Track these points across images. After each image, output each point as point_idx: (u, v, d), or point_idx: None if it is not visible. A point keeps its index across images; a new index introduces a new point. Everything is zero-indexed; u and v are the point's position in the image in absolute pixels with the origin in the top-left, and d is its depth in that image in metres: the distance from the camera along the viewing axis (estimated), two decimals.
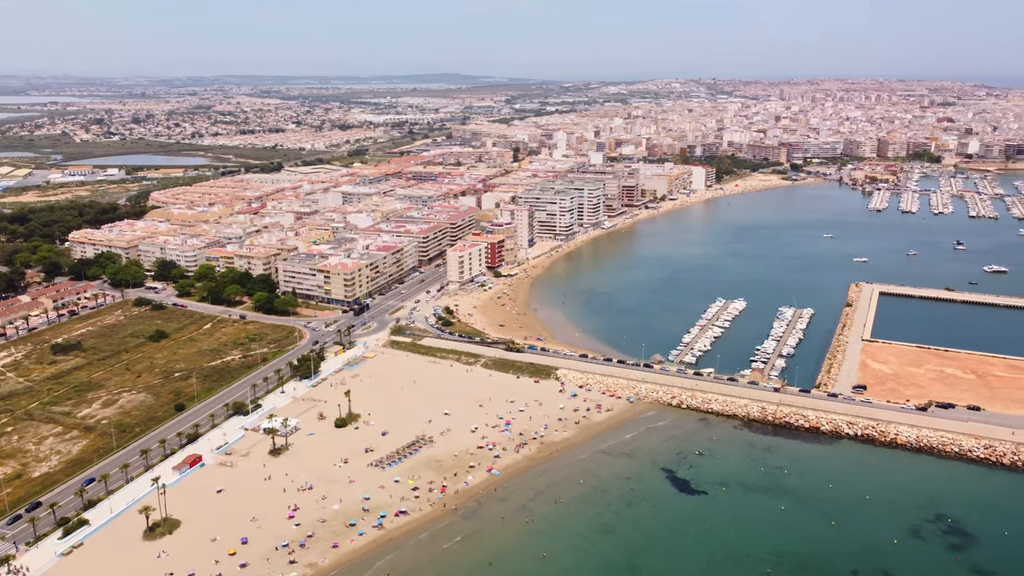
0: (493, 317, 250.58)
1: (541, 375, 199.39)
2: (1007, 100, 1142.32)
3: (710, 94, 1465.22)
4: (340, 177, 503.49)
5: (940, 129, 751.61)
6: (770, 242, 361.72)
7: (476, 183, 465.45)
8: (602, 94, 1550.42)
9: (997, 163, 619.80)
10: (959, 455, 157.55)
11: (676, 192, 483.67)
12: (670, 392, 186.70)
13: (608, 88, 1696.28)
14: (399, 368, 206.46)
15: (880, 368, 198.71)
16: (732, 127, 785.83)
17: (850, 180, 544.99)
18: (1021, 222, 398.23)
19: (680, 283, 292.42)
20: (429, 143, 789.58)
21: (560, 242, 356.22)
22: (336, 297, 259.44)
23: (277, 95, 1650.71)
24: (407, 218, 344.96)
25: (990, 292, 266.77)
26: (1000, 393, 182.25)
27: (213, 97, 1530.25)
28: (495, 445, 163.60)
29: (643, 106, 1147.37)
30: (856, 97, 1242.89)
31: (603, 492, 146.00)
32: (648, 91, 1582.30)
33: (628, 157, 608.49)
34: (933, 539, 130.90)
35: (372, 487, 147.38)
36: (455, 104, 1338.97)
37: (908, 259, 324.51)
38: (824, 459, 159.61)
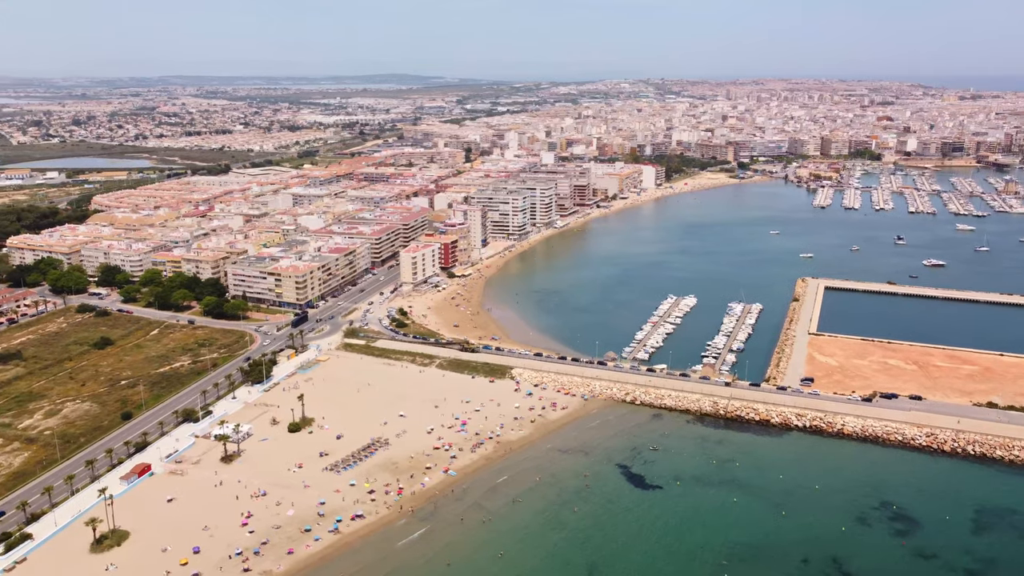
0: (447, 318, 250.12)
1: (496, 375, 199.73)
2: (943, 100, 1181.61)
3: (659, 94, 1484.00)
4: (290, 179, 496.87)
5: (880, 128, 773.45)
6: (719, 239, 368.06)
7: (428, 184, 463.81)
8: (552, 94, 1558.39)
9: (934, 160, 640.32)
10: (902, 443, 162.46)
11: (627, 191, 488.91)
12: (624, 389, 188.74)
13: (558, 88, 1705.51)
14: (353, 371, 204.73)
15: (827, 361, 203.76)
16: (681, 127, 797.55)
17: (795, 178, 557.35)
18: (957, 217, 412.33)
19: (632, 281, 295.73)
20: (380, 144, 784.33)
21: (513, 242, 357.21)
22: (288, 300, 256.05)
23: (224, 96, 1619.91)
24: (359, 219, 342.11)
25: (929, 285, 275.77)
26: (940, 383, 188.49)
27: (157, 98, 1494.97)
28: (451, 446, 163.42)
29: (593, 106, 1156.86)
30: (800, 97, 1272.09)
31: (560, 489, 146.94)
32: (598, 91, 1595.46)
33: (579, 157, 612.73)
34: (879, 525, 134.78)
35: (327, 491, 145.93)
36: (406, 105, 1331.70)
37: (852, 254, 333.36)
38: (774, 451, 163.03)
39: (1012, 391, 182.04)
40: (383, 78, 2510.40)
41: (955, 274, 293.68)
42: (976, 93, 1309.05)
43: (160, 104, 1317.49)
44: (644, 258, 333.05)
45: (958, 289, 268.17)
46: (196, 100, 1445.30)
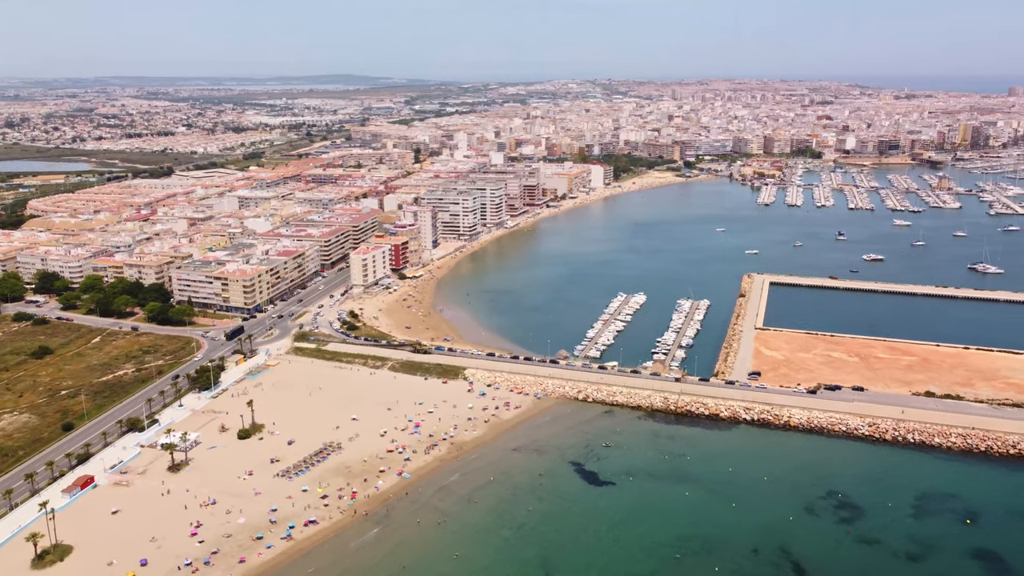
0: (399, 319, 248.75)
1: (449, 375, 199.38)
2: (879, 99, 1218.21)
3: (606, 94, 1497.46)
4: (236, 181, 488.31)
5: (820, 127, 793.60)
6: (667, 237, 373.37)
7: (378, 185, 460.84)
8: (501, 95, 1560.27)
9: (872, 158, 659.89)
10: (846, 434, 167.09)
11: (576, 190, 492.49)
12: (576, 387, 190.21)
13: (507, 89, 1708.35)
14: (304, 375, 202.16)
15: (773, 355, 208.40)
16: (628, 126, 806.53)
17: (740, 176, 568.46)
18: (894, 213, 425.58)
19: (582, 279, 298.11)
20: (328, 145, 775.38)
21: (464, 242, 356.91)
22: (235, 305, 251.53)
23: (165, 97, 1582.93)
24: (308, 221, 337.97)
25: (869, 279, 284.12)
26: (881, 374, 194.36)
27: (95, 99, 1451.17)
28: (405, 448, 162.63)
29: (542, 106, 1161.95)
30: (743, 97, 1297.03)
31: (515, 489, 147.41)
32: (546, 92, 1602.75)
33: (528, 157, 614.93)
34: (825, 514, 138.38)
35: (279, 498, 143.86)
36: (353, 105, 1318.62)
37: (795, 250, 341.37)
38: (724, 444, 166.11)
39: (948, 380, 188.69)
40: (330, 79, 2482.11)
41: (893, 268, 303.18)
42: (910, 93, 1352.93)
43: (98, 105, 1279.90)
44: (594, 257, 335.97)
45: (896, 282, 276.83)
46: (136, 101, 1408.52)
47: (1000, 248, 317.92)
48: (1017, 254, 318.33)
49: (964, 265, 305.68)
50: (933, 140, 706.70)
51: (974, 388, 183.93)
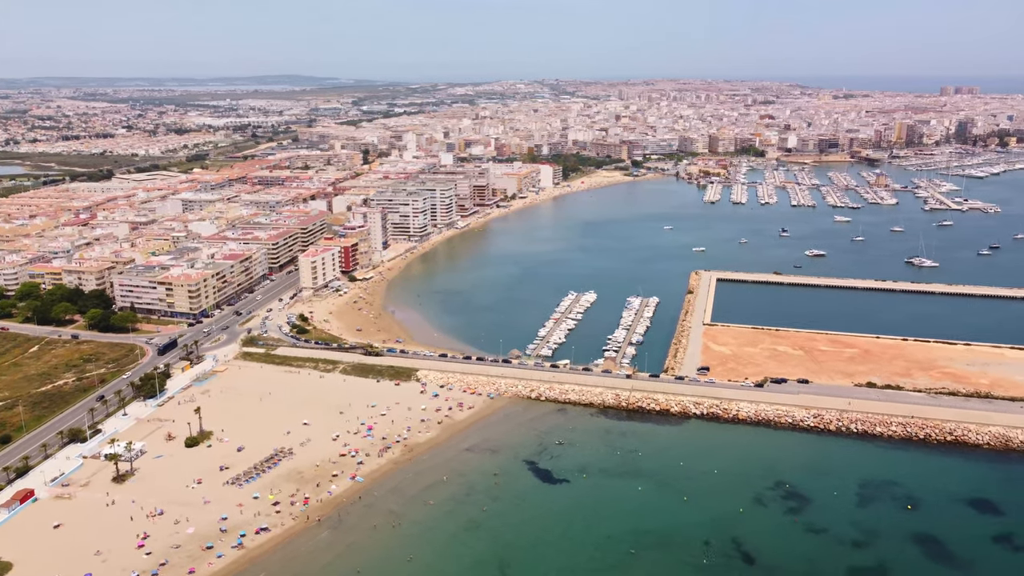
0: (350, 322, 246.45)
1: (401, 377, 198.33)
2: (818, 99, 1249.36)
3: (554, 94, 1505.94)
4: (179, 184, 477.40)
5: (763, 126, 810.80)
6: (616, 236, 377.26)
7: (326, 186, 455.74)
8: (449, 95, 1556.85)
9: (812, 156, 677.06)
10: (792, 425, 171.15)
11: (526, 190, 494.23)
12: (529, 385, 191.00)
13: (455, 89, 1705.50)
14: (253, 380, 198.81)
15: (720, 350, 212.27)
16: (576, 126, 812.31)
17: (686, 175, 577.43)
18: (835, 209, 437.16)
19: (533, 278, 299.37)
20: (274, 146, 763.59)
21: (415, 243, 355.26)
22: (181, 310, 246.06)
23: (104, 98, 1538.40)
24: (255, 224, 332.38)
25: (812, 274, 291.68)
26: (825, 366, 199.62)
27: (29, 100, 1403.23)
28: (358, 451, 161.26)
29: (490, 107, 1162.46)
30: (688, 96, 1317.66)
31: (469, 489, 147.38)
32: (494, 92, 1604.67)
33: (478, 157, 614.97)
34: (774, 505, 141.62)
35: (230, 506, 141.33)
36: (300, 106, 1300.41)
37: (740, 247, 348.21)
38: (675, 439, 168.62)
39: (888, 371, 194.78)
40: (275, 79, 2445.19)
41: (835, 263, 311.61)
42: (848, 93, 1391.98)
43: (32, 107, 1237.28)
44: (544, 256, 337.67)
45: (838, 277, 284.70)
46: (73, 103, 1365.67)
47: (935, 242, 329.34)
48: (950, 248, 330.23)
49: (901, 259, 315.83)
50: (870, 138, 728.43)
51: (912, 378, 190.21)
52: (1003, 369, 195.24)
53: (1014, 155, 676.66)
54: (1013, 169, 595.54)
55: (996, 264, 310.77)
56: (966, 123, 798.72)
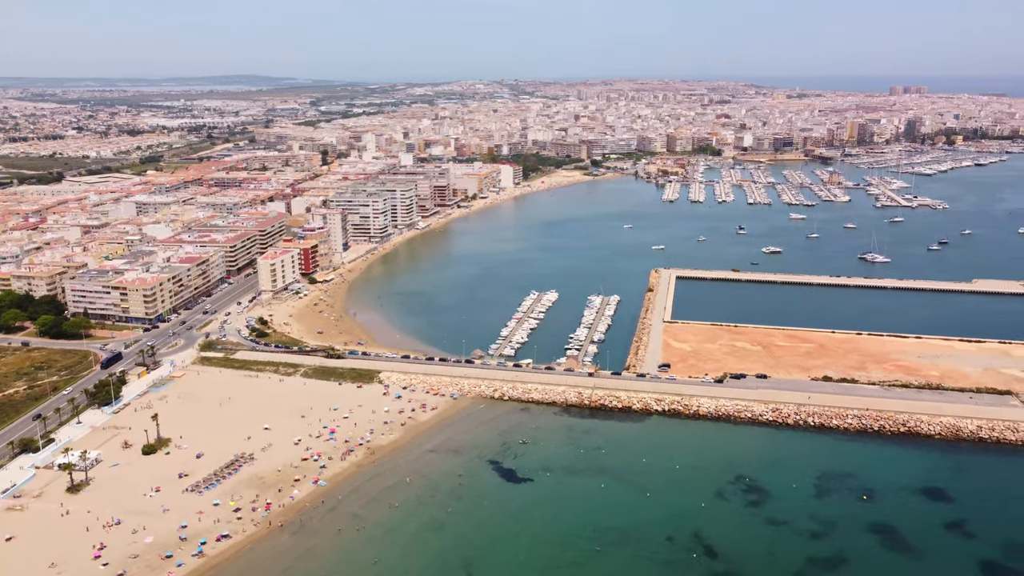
0: (311, 324, 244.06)
1: (364, 379, 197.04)
2: (773, 98, 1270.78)
3: (513, 95, 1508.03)
4: (133, 186, 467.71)
5: (719, 125, 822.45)
6: (577, 235, 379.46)
7: (284, 188, 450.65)
8: (409, 95, 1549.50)
9: (768, 155, 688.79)
10: (752, 420, 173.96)
11: (486, 190, 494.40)
12: (492, 385, 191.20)
13: (415, 89, 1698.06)
14: (212, 385, 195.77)
15: (681, 347, 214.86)
16: (536, 126, 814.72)
17: (645, 174, 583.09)
18: (790, 207, 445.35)
19: (495, 278, 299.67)
20: (231, 147, 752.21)
21: (376, 244, 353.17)
22: (136, 315, 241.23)
23: (53, 99, 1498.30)
24: (211, 227, 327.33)
25: (769, 271, 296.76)
26: (782, 361, 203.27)
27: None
28: (320, 455, 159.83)
29: (450, 107, 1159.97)
30: (646, 96, 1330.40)
31: (433, 491, 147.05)
32: (454, 92, 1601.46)
33: (438, 157, 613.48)
34: (735, 499, 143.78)
35: (189, 514, 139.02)
36: (257, 107, 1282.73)
37: (699, 244, 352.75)
38: (637, 436, 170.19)
39: (844, 365, 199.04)
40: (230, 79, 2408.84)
41: (790, 260, 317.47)
42: (801, 92, 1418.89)
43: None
44: (506, 256, 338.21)
45: (794, 273, 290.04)
46: (20, 103, 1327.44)
47: (887, 238, 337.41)
48: (901, 244, 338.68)
49: (854, 255, 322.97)
50: (823, 137, 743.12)
51: (867, 371, 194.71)
52: (953, 361, 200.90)
53: (960, 153, 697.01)
54: (960, 167, 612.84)
55: (945, 259, 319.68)
56: (915, 122, 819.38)
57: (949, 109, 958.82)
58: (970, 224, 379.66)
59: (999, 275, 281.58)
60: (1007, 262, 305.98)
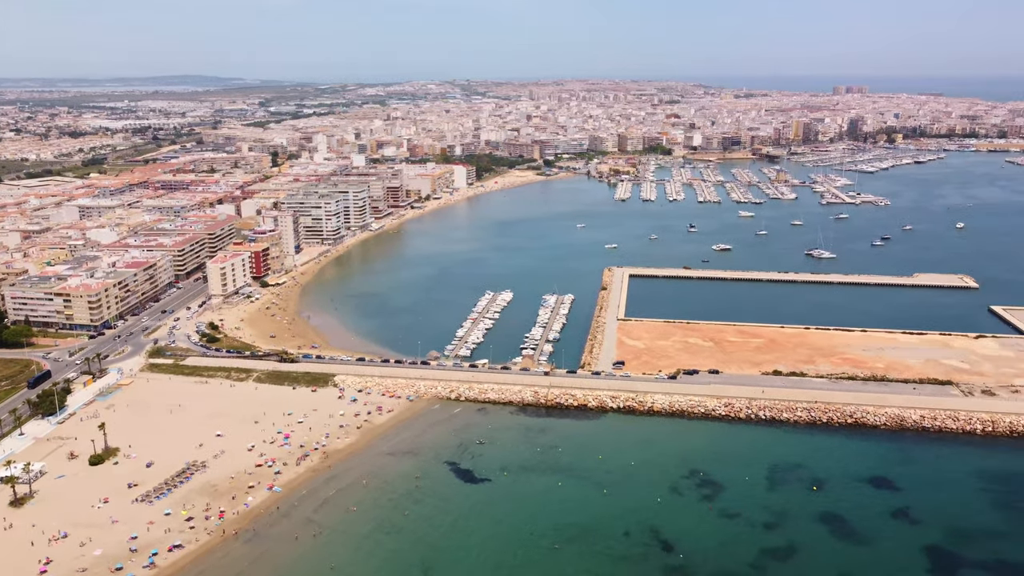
0: (263, 329, 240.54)
1: (318, 383, 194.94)
2: (721, 98, 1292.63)
3: (465, 95, 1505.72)
4: (75, 189, 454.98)
5: (669, 124, 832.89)
6: (531, 234, 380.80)
7: (234, 190, 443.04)
8: (360, 96, 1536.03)
9: (717, 154, 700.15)
10: (705, 415, 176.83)
11: (440, 191, 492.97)
12: (448, 386, 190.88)
13: (366, 90, 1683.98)
14: (161, 392, 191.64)
15: (635, 344, 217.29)
16: (488, 126, 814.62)
17: (597, 173, 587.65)
18: (739, 205, 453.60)
19: (450, 279, 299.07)
20: (178, 149, 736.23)
21: (328, 247, 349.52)
22: (81, 322, 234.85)
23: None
24: (159, 230, 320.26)
25: (719, 268, 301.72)
26: (734, 356, 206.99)
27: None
28: (275, 461, 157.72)
29: (402, 107, 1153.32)
30: (597, 96, 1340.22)
31: (391, 494, 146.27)
32: (405, 92, 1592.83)
33: (391, 158, 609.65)
34: (689, 493, 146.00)
35: (139, 524, 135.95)
36: (204, 107, 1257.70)
37: (651, 243, 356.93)
38: (593, 433, 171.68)
39: (793, 359, 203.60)
40: (176, 79, 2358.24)
41: (740, 257, 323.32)
42: (749, 92, 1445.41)
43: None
44: (460, 256, 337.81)
45: (744, 270, 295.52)
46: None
47: (832, 235, 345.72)
48: (846, 240, 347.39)
49: (801, 251, 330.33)
50: (770, 136, 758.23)
51: (815, 365, 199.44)
52: (896, 353, 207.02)
53: (900, 151, 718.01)
54: (900, 164, 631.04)
55: (887, 254, 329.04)
56: (857, 121, 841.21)
57: (889, 108, 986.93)
58: (911, 220, 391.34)
59: (939, 269, 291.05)
60: (946, 257, 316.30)
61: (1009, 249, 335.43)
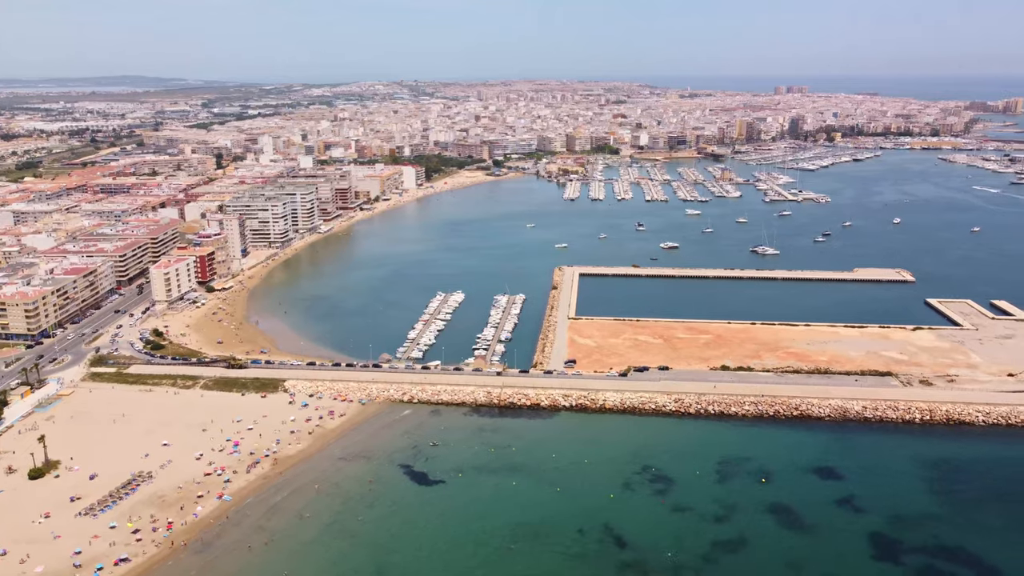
0: (210, 334, 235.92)
1: (268, 389, 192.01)
2: (666, 98, 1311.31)
3: (413, 95, 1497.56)
4: (9, 194, 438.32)
5: (616, 124, 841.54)
6: (481, 235, 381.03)
7: (177, 193, 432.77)
8: (306, 96, 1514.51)
9: (663, 153, 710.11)
10: (656, 411, 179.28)
11: (389, 192, 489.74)
12: (401, 389, 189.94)
13: (312, 90, 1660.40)
14: (104, 402, 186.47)
15: (586, 342, 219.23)
16: (437, 127, 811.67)
17: (546, 173, 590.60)
18: (685, 203, 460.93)
19: (401, 280, 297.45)
20: (118, 152, 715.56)
21: (276, 250, 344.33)
22: (17, 332, 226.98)
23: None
24: (99, 235, 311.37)
25: (667, 265, 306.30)
26: (682, 353, 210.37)
27: None
28: (224, 469, 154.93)
29: (349, 108, 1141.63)
30: (545, 97, 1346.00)
31: (344, 499, 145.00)
32: (353, 93, 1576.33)
33: (339, 160, 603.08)
34: (642, 489, 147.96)
35: (83, 539, 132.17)
36: (144, 109, 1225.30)
37: (600, 242, 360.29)
38: (546, 432, 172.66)
39: (740, 354, 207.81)
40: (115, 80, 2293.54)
41: (687, 254, 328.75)
42: (693, 92, 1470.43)
43: None
44: (411, 257, 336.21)
45: (691, 267, 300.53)
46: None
47: (776, 231, 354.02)
48: (789, 236, 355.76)
49: (746, 248, 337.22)
50: (715, 135, 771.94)
51: (761, 359, 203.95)
52: (839, 346, 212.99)
53: (839, 149, 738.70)
54: (839, 162, 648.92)
55: (828, 250, 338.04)
56: (798, 120, 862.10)
57: (828, 107, 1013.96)
58: (850, 216, 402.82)
59: (877, 264, 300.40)
60: (884, 251, 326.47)
61: (943, 243, 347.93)
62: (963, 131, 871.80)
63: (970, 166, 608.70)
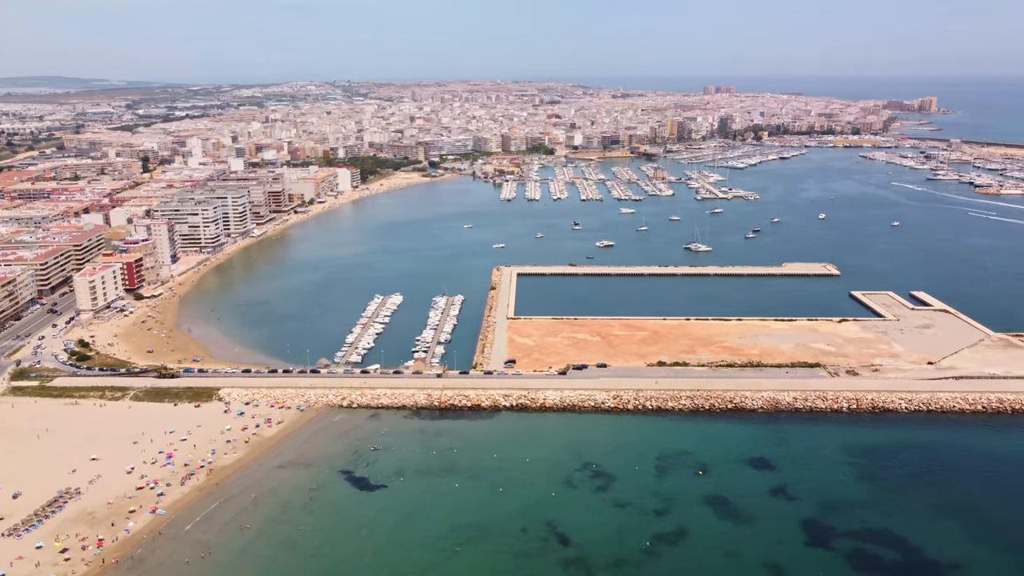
0: (139, 343, 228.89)
1: (202, 398, 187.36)
2: (599, 98, 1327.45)
3: (346, 96, 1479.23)
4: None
5: (551, 124, 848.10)
6: (418, 236, 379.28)
7: (101, 198, 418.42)
8: (236, 97, 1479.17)
9: (597, 152, 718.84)
10: (595, 408, 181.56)
11: (324, 195, 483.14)
12: (340, 394, 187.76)
13: (242, 91, 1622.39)
14: (26, 417, 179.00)
15: (525, 342, 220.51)
16: (371, 128, 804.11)
17: (482, 174, 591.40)
18: (620, 202, 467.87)
19: (337, 284, 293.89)
20: (36, 156, 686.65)
21: (207, 255, 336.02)
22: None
23: None
24: (18, 243, 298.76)
25: (603, 263, 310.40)
26: (620, 350, 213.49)
27: None
28: (157, 482, 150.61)
29: (281, 109, 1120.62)
30: (480, 97, 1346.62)
31: (284, 507, 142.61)
32: (284, 94, 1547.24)
33: (271, 162, 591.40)
34: (583, 485, 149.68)
35: (5, 561, 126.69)
36: (64, 110, 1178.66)
37: (537, 241, 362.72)
38: (488, 433, 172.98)
39: (675, 349, 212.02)
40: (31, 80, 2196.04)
41: (623, 252, 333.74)
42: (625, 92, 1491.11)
43: None
44: (347, 260, 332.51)
45: (626, 265, 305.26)
46: None
47: (708, 229, 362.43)
48: (721, 233, 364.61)
49: (680, 245, 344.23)
50: (647, 135, 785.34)
51: (696, 354, 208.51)
52: (770, 339, 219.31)
53: (766, 147, 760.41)
54: (767, 160, 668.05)
55: (758, 246, 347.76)
56: (726, 119, 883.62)
57: (755, 107, 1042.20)
58: (778, 213, 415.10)
59: (804, 259, 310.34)
60: (810, 247, 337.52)
61: (865, 238, 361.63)
62: (882, 129, 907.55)
63: (889, 163, 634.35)
